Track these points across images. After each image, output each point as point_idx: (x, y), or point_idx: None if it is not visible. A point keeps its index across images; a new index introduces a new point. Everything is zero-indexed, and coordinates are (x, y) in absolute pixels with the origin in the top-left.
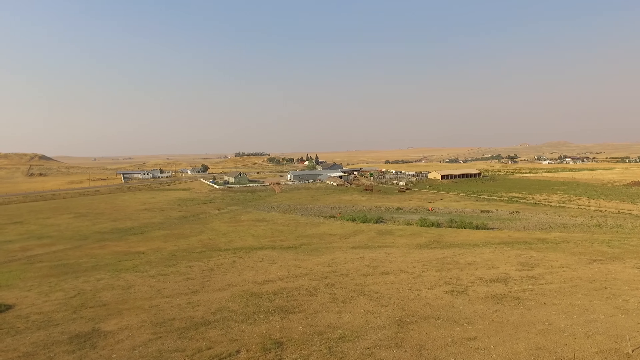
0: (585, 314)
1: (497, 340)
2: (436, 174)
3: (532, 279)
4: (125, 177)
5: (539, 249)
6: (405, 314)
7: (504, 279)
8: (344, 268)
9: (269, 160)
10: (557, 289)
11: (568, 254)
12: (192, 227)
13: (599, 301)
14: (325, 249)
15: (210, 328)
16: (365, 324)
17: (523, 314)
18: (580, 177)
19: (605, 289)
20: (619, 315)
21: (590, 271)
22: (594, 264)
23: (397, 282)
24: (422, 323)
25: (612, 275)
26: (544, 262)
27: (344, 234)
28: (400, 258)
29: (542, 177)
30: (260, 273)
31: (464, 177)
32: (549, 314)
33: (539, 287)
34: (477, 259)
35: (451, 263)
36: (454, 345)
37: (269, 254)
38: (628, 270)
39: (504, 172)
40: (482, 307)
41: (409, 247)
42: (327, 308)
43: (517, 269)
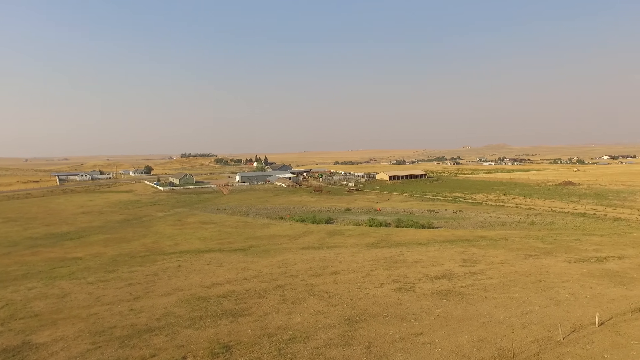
0: (522, 306)
1: (442, 335)
2: (384, 175)
3: (474, 274)
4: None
5: (481, 246)
6: (354, 312)
7: (449, 276)
8: (293, 269)
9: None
10: (497, 284)
11: (507, 250)
12: (134, 231)
13: (534, 293)
14: (274, 251)
15: (154, 335)
16: (315, 324)
17: (466, 308)
18: (517, 178)
19: (540, 282)
20: (552, 305)
21: (526, 266)
22: (530, 259)
23: (346, 281)
24: (371, 321)
25: (545, 269)
26: (485, 259)
27: (294, 235)
28: (349, 258)
29: (483, 177)
30: (208, 276)
31: (410, 178)
32: (489, 308)
33: (481, 282)
34: (423, 257)
35: (399, 261)
36: (402, 341)
37: (217, 257)
38: (560, 264)
39: (448, 173)
40: (428, 303)
41: (358, 247)
42: (277, 310)
43: (461, 266)
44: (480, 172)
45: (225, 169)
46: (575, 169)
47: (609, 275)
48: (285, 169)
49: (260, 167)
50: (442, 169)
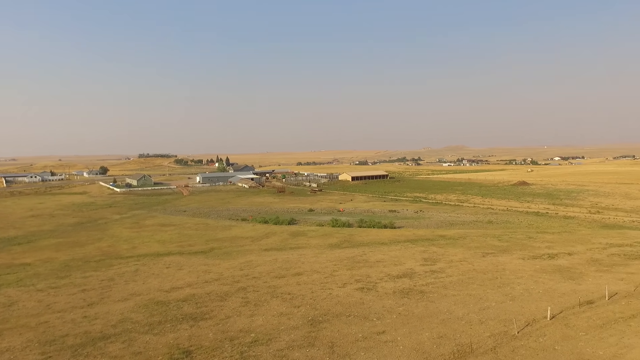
0: (480, 302)
1: (403, 332)
2: (347, 176)
3: (435, 273)
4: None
5: (441, 245)
6: (318, 313)
7: (410, 274)
8: (256, 271)
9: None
10: (456, 281)
11: (465, 249)
12: (88, 234)
13: (491, 290)
14: (236, 253)
15: (110, 342)
16: (278, 326)
17: (427, 306)
18: (475, 178)
19: (497, 278)
20: (508, 301)
21: (484, 263)
22: (487, 256)
23: (309, 282)
24: (334, 321)
25: (502, 266)
26: (444, 257)
27: (256, 237)
28: (312, 259)
29: (443, 178)
30: (167, 280)
31: (372, 178)
32: (449, 305)
33: (441, 281)
34: (385, 257)
35: (361, 261)
36: (365, 340)
37: (177, 260)
38: (515, 261)
39: (409, 173)
40: (390, 302)
41: (321, 247)
42: (239, 312)
43: (421, 264)
44: (440, 172)
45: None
46: (529, 170)
47: (559, 271)
48: (247, 170)
49: (222, 167)
50: (403, 170)
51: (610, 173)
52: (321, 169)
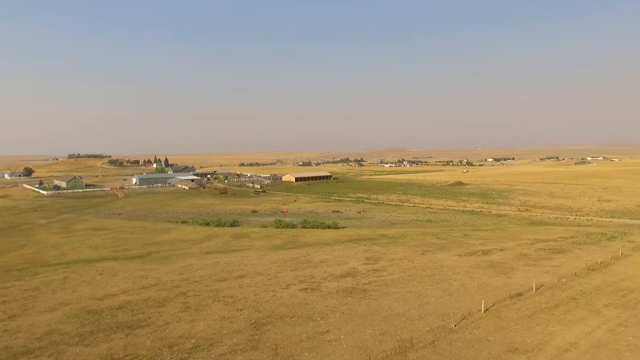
0: (420, 298)
1: (347, 331)
2: (290, 177)
3: (377, 271)
4: None
5: (382, 244)
6: (261, 315)
7: (353, 274)
8: (197, 275)
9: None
10: (397, 279)
11: (406, 247)
12: (10, 241)
13: (430, 286)
14: (176, 256)
15: (34, 357)
16: (220, 330)
17: (369, 304)
18: (415, 179)
19: (435, 275)
20: (445, 296)
21: (423, 261)
22: (427, 254)
23: (252, 284)
24: (277, 323)
25: (440, 263)
26: (386, 256)
27: (197, 240)
28: (256, 260)
29: (385, 179)
30: (100, 287)
31: (316, 179)
32: (390, 302)
33: (383, 279)
34: (328, 257)
35: (305, 262)
36: (309, 340)
37: (111, 266)
38: (452, 257)
39: (352, 174)
40: (334, 302)
41: (264, 249)
42: (179, 318)
43: (364, 264)
44: (382, 173)
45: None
46: (465, 171)
47: (492, 266)
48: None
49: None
50: (346, 171)
51: (537, 173)
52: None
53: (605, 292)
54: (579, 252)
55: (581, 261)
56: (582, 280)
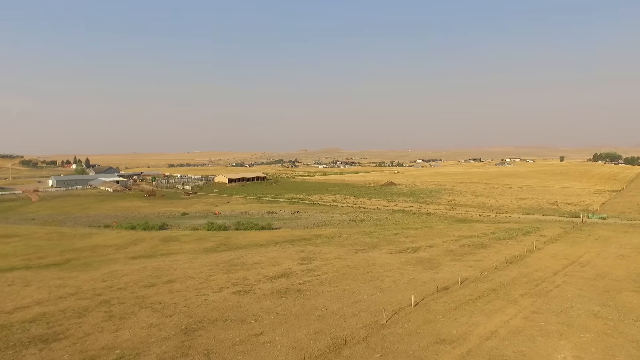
0: (353, 296)
1: (281, 332)
2: (223, 178)
3: (311, 271)
4: None
5: (317, 244)
6: (192, 320)
7: (287, 274)
8: (122, 281)
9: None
10: (331, 278)
11: (340, 247)
12: None
13: (363, 283)
14: (98, 263)
15: None
16: (147, 339)
17: (304, 304)
18: (349, 179)
19: (368, 273)
20: (378, 293)
21: (356, 259)
22: (359, 253)
23: (183, 289)
24: (210, 327)
25: (372, 261)
26: (320, 255)
27: (122, 244)
28: (186, 264)
29: (319, 179)
30: (9, 299)
31: (250, 180)
32: (325, 301)
33: (317, 278)
34: (262, 258)
35: (238, 264)
36: (242, 343)
37: (22, 275)
38: (384, 255)
39: (286, 175)
40: (268, 303)
41: (195, 252)
42: (102, 328)
43: (299, 264)
44: (316, 174)
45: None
46: (396, 171)
47: (421, 262)
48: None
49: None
50: (280, 172)
51: (462, 174)
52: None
53: (521, 282)
54: (498, 246)
55: (501, 255)
56: (501, 272)
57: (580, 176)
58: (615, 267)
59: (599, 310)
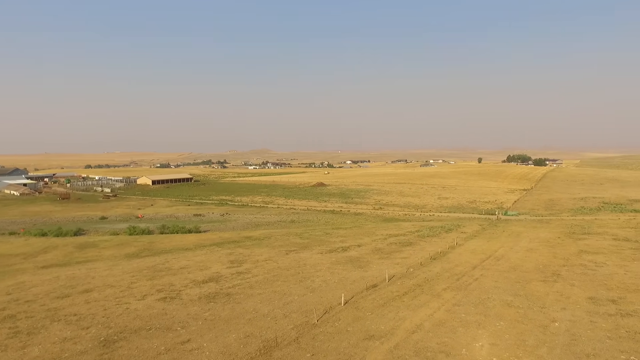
0: (284, 297)
1: (209, 338)
2: (146, 179)
3: (241, 274)
4: None
5: (247, 246)
6: (112, 331)
7: (216, 278)
8: (30, 293)
9: None
10: (262, 280)
11: (270, 248)
12: None
13: (294, 284)
14: (2, 274)
15: None
16: (61, 354)
17: (233, 308)
18: (279, 180)
19: (299, 273)
20: (309, 293)
21: (287, 260)
22: (290, 254)
23: (101, 299)
24: (132, 337)
25: (303, 262)
26: (250, 258)
27: (31, 253)
28: (105, 272)
29: (249, 180)
30: None
31: (176, 182)
32: (255, 304)
33: (247, 281)
34: (190, 263)
35: (164, 270)
36: (168, 352)
37: None
38: (314, 256)
39: (214, 176)
40: (196, 309)
41: (116, 258)
42: (5, 347)
43: (228, 267)
44: (246, 175)
45: None
46: (326, 172)
47: (351, 261)
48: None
49: None
50: (209, 173)
51: (389, 174)
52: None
53: (444, 277)
54: (423, 244)
55: (425, 252)
56: (426, 268)
57: (495, 176)
58: (526, 260)
59: (512, 300)
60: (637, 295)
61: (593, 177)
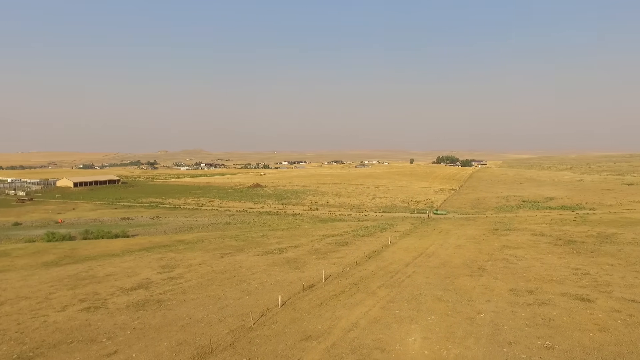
0: (219, 302)
1: (139, 348)
2: (67, 182)
3: (173, 279)
4: None
5: (179, 250)
6: (26, 347)
7: (146, 285)
8: None
9: None
10: (196, 285)
11: (204, 252)
12: None
13: (230, 288)
14: None
15: None
16: None
17: (165, 315)
18: (213, 182)
19: (234, 277)
20: (245, 297)
21: (222, 264)
22: (225, 257)
23: (15, 312)
24: (50, 353)
25: (239, 265)
26: (183, 262)
27: None
28: (19, 283)
29: (181, 182)
30: None
31: (101, 184)
32: (188, 309)
33: (179, 286)
34: (116, 269)
35: (87, 278)
36: None
37: None
38: (250, 258)
39: (144, 178)
40: (124, 318)
41: (32, 268)
42: None
43: (159, 273)
44: (178, 176)
45: None
46: (262, 173)
47: (288, 262)
48: None
49: None
50: (137, 174)
51: (325, 175)
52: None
53: (379, 275)
54: (359, 243)
55: (361, 251)
56: (361, 267)
57: (426, 176)
58: (454, 256)
59: (442, 295)
60: (551, 285)
61: (514, 177)
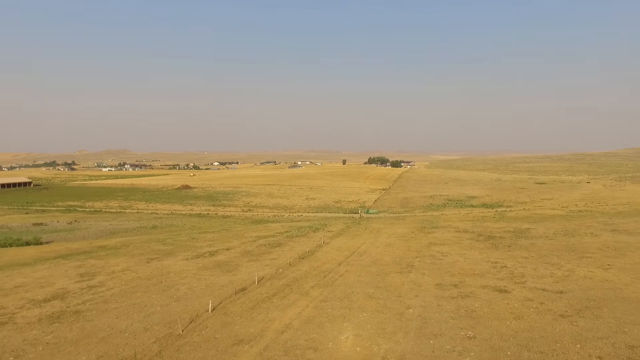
0: (145, 309)
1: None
2: None
3: (93, 288)
4: None
5: (100, 257)
6: None
7: (62, 295)
8: None
9: None
10: (119, 293)
11: (129, 257)
12: None
13: (156, 295)
14: None
15: None
16: None
17: (83, 327)
18: (139, 183)
19: (161, 282)
20: (173, 303)
21: (148, 269)
22: (152, 262)
23: None
24: None
25: (166, 270)
26: (105, 269)
27: None
28: None
29: (103, 184)
30: None
31: (9, 186)
32: (110, 319)
33: (100, 295)
34: (27, 280)
35: None
36: None
37: None
38: (179, 262)
39: (60, 180)
40: (35, 333)
41: None
42: None
43: (77, 281)
44: (100, 178)
45: None
46: (192, 174)
47: (219, 265)
48: None
49: None
50: (53, 176)
51: (258, 176)
52: None
53: (312, 275)
54: (292, 244)
55: (294, 252)
56: (295, 268)
57: (358, 177)
58: (385, 254)
59: (373, 292)
60: (473, 279)
61: (440, 177)
